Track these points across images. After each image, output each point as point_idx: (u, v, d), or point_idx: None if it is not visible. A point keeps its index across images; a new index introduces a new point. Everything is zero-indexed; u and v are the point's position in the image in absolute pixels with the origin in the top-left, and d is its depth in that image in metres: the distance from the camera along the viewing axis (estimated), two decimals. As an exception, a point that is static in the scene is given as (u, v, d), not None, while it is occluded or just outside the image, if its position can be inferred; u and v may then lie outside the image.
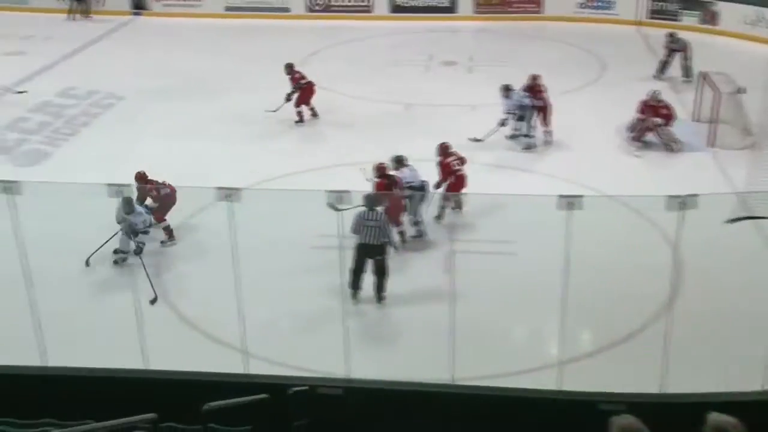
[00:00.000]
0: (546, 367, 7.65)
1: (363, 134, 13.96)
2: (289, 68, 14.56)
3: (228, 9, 22.40)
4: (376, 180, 10.21)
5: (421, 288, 9.38)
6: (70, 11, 22.04)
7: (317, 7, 22.30)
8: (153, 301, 9.00)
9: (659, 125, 13.25)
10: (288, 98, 14.42)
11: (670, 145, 13.21)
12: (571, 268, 6.97)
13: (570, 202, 6.87)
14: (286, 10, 22.28)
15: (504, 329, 8.86)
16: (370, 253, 8.87)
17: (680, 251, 8.49)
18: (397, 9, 22.15)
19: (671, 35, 16.69)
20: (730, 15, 18.29)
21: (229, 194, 7.08)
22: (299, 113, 14.53)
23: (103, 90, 16.16)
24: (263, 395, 6.23)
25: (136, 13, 22.61)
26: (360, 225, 8.82)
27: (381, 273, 8.99)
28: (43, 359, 7.24)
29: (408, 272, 9.79)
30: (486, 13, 21.85)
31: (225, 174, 11.67)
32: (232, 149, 13.44)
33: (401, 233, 10.31)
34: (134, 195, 9.89)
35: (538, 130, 13.53)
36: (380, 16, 22.02)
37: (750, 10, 18.49)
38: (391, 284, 9.18)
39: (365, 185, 10.52)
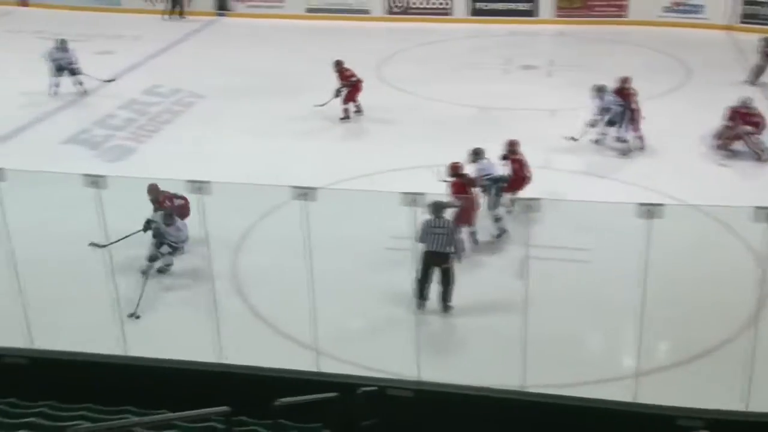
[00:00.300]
0: (621, 378, 7.49)
1: (439, 137, 13.90)
2: (338, 65, 14.79)
3: (309, 11, 22.68)
4: (451, 180, 10.19)
5: (492, 293, 9.27)
6: (165, 12, 22.69)
7: (396, 9, 22.37)
8: (131, 315, 8.82)
9: (749, 133, 12.78)
10: (337, 94, 14.64)
11: (759, 154, 12.73)
12: (650, 278, 6.79)
13: (650, 210, 6.70)
14: (366, 12, 22.43)
15: (578, 338, 8.67)
16: (437, 262, 8.72)
17: (767, 264, 8.13)
18: (476, 12, 22.00)
19: (767, 40, 16.12)
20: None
21: (304, 193, 7.16)
22: (345, 110, 14.73)
23: (185, 89, 16.60)
24: (333, 393, 6.28)
25: (220, 14, 23.15)
26: (427, 233, 8.67)
27: (447, 282, 8.84)
28: (123, 349, 7.49)
29: (479, 276, 9.71)
30: (567, 16, 21.49)
31: (302, 173, 11.83)
32: (310, 148, 13.60)
33: (473, 233, 10.26)
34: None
35: (630, 135, 13.22)
36: (459, 18, 21.92)
37: None
38: (462, 288, 9.10)
39: (441, 187, 10.51)
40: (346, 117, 14.74)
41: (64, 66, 16.05)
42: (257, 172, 12.01)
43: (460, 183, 10.17)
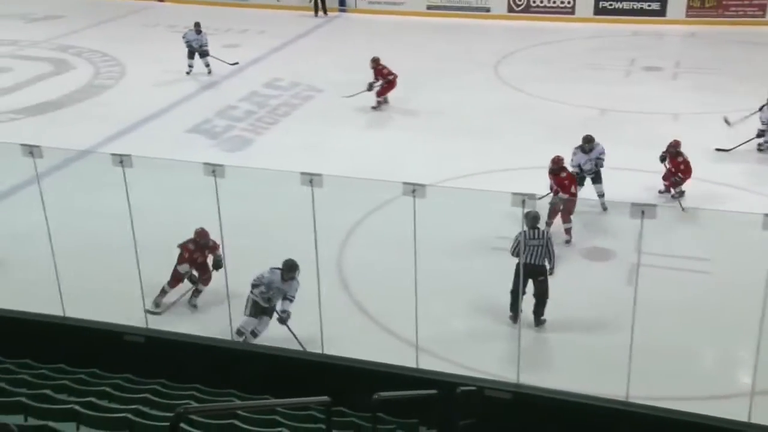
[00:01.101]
0: (735, 396, 7.14)
1: (555, 138, 13.60)
2: (375, 62, 15.20)
3: (429, 8, 22.75)
4: (554, 175, 10.41)
5: (600, 298, 9.04)
6: (310, 9, 23.31)
7: (517, 8, 22.08)
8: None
9: None
10: (369, 88, 15.07)
11: None
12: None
13: (773, 220, 6.34)
14: (487, 9, 22.27)
15: (690, 351, 8.32)
16: (532, 274, 8.46)
17: None
18: (601, 11, 21.44)
19: None
20: None
21: (413, 189, 7.19)
22: (379, 102, 15.31)
23: (304, 82, 17.00)
24: (432, 391, 6.29)
25: (342, 10, 23.56)
26: (522, 245, 8.38)
27: (541, 295, 8.59)
28: (230, 334, 7.76)
29: (588, 281, 9.48)
30: (699, 16, 20.58)
31: (414, 169, 11.90)
32: (425, 145, 13.65)
33: (568, 230, 10.30)
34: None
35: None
36: (583, 18, 21.43)
37: None
38: (567, 290, 8.92)
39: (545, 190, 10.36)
40: (377, 107, 15.31)
41: (195, 48, 17.28)
42: (370, 166, 12.16)
43: (562, 177, 10.36)
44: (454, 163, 12.62)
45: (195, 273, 9.13)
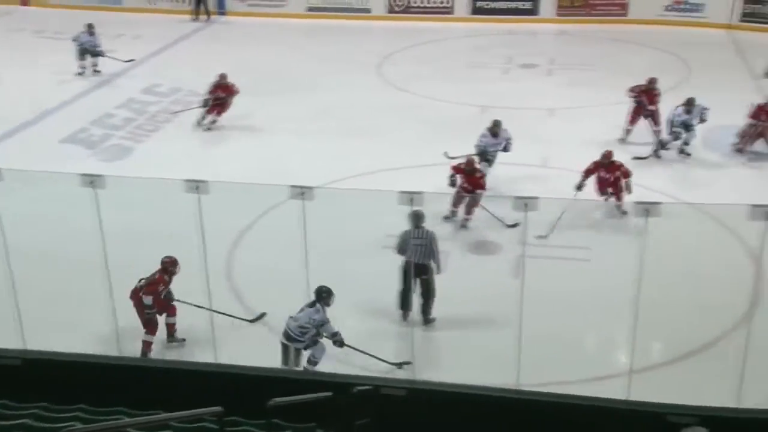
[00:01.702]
0: (615, 376, 7.47)
1: (439, 136, 13.90)
2: (223, 78, 14.41)
3: (310, 9, 22.69)
4: (469, 175, 10.70)
5: (488, 291, 9.27)
6: (192, 12, 22.68)
7: (397, 8, 22.37)
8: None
9: None
10: (205, 104, 14.37)
11: None
12: (647, 276, 6.78)
13: (647, 209, 6.69)
14: (367, 11, 22.43)
15: (573, 336, 8.66)
16: (417, 273, 8.55)
17: (762, 263, 8.13)
18: (477, 11, 22.00)
19: None
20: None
21: (301, 192, 7.17)
22: (206, 118, 14.43)
23: (185, 88, 16.61)
24: (328, 393, 6.28)
25: (221, 13, 23.15)
26: (406, 244, 8.58)
27: (427, 294, 8.71)
28: (116, 349, 7.49)
29: (475, 275, 9.71)
30: (568, 15, 21.48)
31: (302, 172, 11.86)
32: (313, 147, 13.61)
33: (467, 220, 10.68)
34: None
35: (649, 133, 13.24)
36: (461, 17, 21.92)
37: None
38: (456, 285, 9.10)
39: (439, 186, 10.53)
40: (206, 123, 14.44)
41: (89, 49, 16.98)
42: (257, 171, 12.04)
43: (479, 177, 10.71)
44: (343, 163, 12.65)
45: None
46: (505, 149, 11.85)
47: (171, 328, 8.54)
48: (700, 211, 10.19)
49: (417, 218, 8.49)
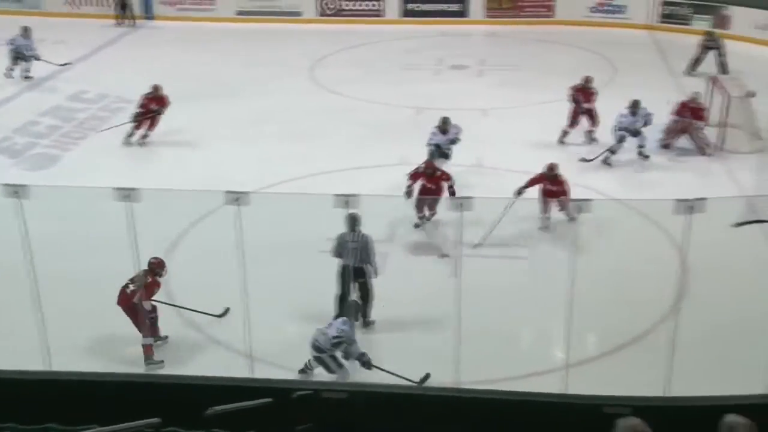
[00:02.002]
0: (552, 371, 7.62)
1: (375, 138, 13.97)
2: (157, 90, 13.87)
3: (240, 13, 22.48)
4: (429, 177, 10.72)
5: (425, 291, 9.34)
6: (117, 17, 22.19)
7: (328, 11, 22.36)
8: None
9: (700, 128, 13.14)
10: (135, 119, 13.73)
11: (704, 149, 13.09)
12: (579, 271, 6.94)
13: (578, 205, 6.86)
14: (298, 14, 22.35)
15: (511, 333, 8.80)
16: (354, 276, 8.50)
17: (688, 255, 8.41)
18: (408, 13, 22.17)
19: (709, 33, 17.08)
20: (741, 19, 18.20)
21: (236, 198, 7.09)
22: (136, 132, 13.82)
23: (113, 94, 16.25)
24: (267, 399, 6.22)
25: (148, 17, 22.73)
26: (342, 247, 8.55)
27: (365, 296, 8.68)
28: (46, 363, 7.27)
29: (413, 274, 9.77)
30: (497, 17, 21.82)
31: (238, 177, 11.75)
32: (249, 152, 13.48)
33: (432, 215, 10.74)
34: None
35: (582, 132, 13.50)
36: (391, 20, 22.05)
37: (760, 14, 18.39)
38: (395, 286, 9.13)
39: (375, 188, 10.55)
40: (131, 135, 13.80)
41: (24, 53, 16.62)
42: (192, 177, 11.88)
43: (439, 177, 10.71)
44: (279, 168, 12.57)
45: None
46: (453, 142, 12.10)
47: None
48: (627, 207, 10.47)
49: (353, 221, 8.47)
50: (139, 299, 8.11)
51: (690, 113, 13.16)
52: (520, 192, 10.52)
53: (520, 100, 15.68)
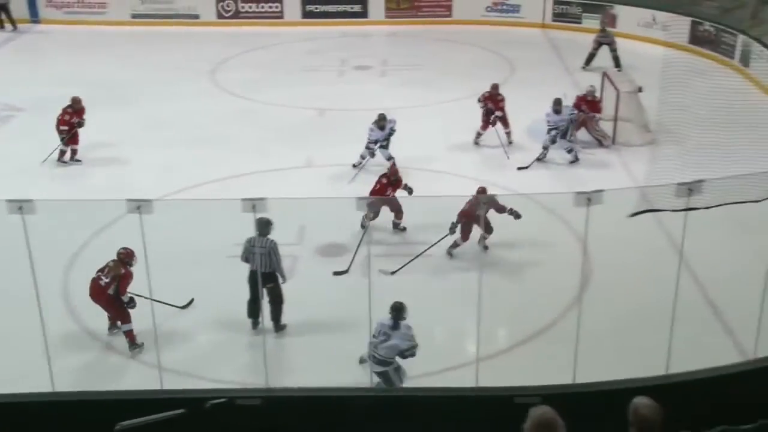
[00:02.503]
0: (465, 365, 7.75)
1: (280, 141, 13.86)
2: (76, 102, 13.14)
3: (134, 16, 21.88)
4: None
5: (336, 293, 9.34)
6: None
7: (227, 14, 22.04)
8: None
9: (596, 120, 13.61)
10: (64, 140, 12.93)
11: (602, 140, 13.57)
12: (487, 266, 7.10)
13: (484, 202, 7.00)
14: (196, 17, 21.93)
15: (422, 330, 8.87)
16: (263, 281, 8.34)
17: (588, 246, 8.70)
18: (308, 15, 22.10)
19: (602, 29, 17.88)
20: (627, 17, 19.01)
21: (138, 206, 6.90)
22: (64, 153, 13.07)
23: None
24: (180, 410, 6.09)
25: (34, 21, 21.77)
26: (249, 252, 8.45)
27: (274, 301, 8.61)
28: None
29: (324, 276, 9.75)
30: (397, 17, 22.04)
31: (144, 183, 11.44)
32: (152, 158, 13.14)
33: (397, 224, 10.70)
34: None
35: (501, 134, 13.67)
36: (292, 21, 21.93)
37: (645, 12, 19.28)
38: (306, 289, 9.09)
39: (281, 192, 10.46)
40: (62, 160, 13.04)
41: None
42: (93, 187, 11.50)
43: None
44: (184, 174, 12.32)
45: None
46: (391, 135, 12.63)
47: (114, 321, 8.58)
48: (532, 200, 10.76)
49: (261, 226, 8.37)
50: (115, 290, 8.23)
51: (587, 106, 13.66)
52: (452, 229, 9.84)
53: (423, 99, 15.89)
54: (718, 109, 11.95)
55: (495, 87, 13.87)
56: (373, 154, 12.66)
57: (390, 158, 12.32)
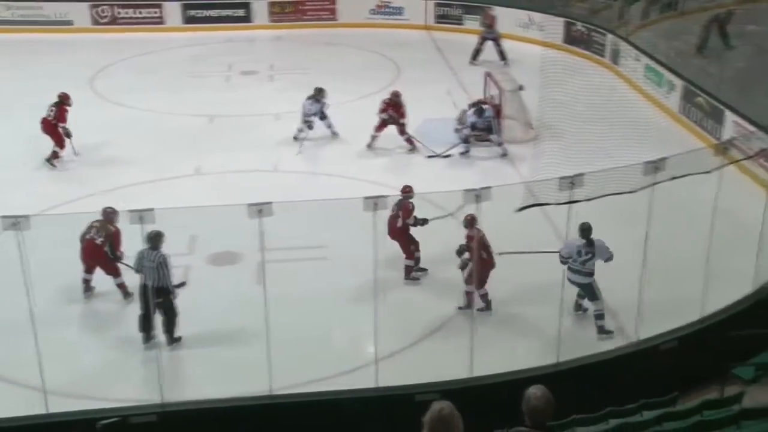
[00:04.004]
0: (364, 366, 7.77)
1: (167, 149, 13.49)
2: (64, 96, 13.23)
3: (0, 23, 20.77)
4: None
5: (230, 301, 9.18)
6: None
7: (103, 20, 21.28)
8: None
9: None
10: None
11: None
12: (383, 265, 7.14)
13: (375, 202, 7.03)
14: (69, 23, 21.06)
15: (321, 334, 8.86)
16: (154, 295, 8.14)
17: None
18: (190, 20, 21.62)
19: (486, 25, 18.53)
20: (506, 18, 19.56)
21: (15, 222, 6.58)
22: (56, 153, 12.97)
23: None
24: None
25: None
26: (140, 264, 8.23)
27: (166, 315, 8.36)
28: None
29: (216, 285, 9.58)
30: (282, 21, 21.90)
31: (19, 201, 10.84)
32: (27, 174, 12.56)
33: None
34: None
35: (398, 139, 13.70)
36: (174, 27, 21.39)
37: (522, 13, 19.96)
38: (199, 299, 8.91)
39: (171, 202, 10.19)
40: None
41: None
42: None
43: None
44: (64, 188, 11.87)
45: None
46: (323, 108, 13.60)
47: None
48: (424, 200, 10.90)
49: (150, 239, 8.09)
50: (109, 247, 8.91)
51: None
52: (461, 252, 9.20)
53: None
54: (594, 105, 12.52)
55: (396, 94, 13.72)
56: (311, 127, 13.51)
57: (330, 126, 13.72)
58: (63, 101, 13.15)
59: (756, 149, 9.76)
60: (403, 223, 9.61)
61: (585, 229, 8.48)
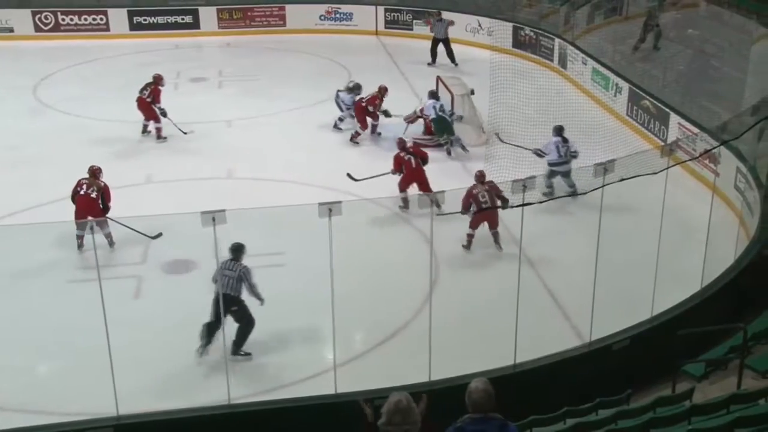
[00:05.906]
0: (323, 373, 7.75)
1: (115, 158, 13.23)
2: (158, 77, 13.93)
3: (-66, 29, 20.22)
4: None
5: (189, 311, 9.05)
6: None
7: (45, 27, 20.83)
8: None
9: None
10: None
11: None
12: (339, 271, 7.12)
13: (330, 208, 7.02)
14: (9, 30, 20.59)
15: (280, 341, 8.79)
16: (226, 304, 7.99)
17: (434, 245, 8.91)
18: (137, 27, 21.33)
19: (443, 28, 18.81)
20: (456, 23, 19.68)
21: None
22: None
23: None
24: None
25: None
26: (220, 274, 8.06)
27: (240, 323, 8.26)
28: None
29: (177, 295, 9.45)
30: (230, 27, 21.74)
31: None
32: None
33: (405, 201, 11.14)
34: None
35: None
36: (119, 34, 21.07)
37: (471, 18, 20.22)
38: (155, 307, 8.76)
39: (121, 212, 10.02)
40: None
41: None
42: None
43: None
44: (14, 198, 11.54)
45: None
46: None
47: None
48: (379, 205, 10.94)
49: (234, 251, 8.19)
50: (102, 200, 9.98)
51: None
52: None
53: (262, 108, 15.76)
54: (543, 108, 12.72)
55: (381, 90, 14.06)
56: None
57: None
58: (156, 82, 14.04)
59: (700, 150, 10.01)
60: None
61: (559, 128, 11.35)
